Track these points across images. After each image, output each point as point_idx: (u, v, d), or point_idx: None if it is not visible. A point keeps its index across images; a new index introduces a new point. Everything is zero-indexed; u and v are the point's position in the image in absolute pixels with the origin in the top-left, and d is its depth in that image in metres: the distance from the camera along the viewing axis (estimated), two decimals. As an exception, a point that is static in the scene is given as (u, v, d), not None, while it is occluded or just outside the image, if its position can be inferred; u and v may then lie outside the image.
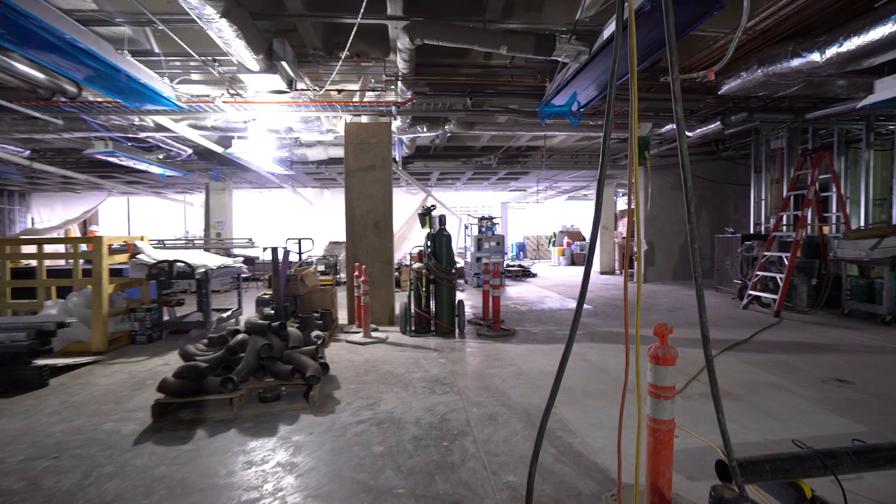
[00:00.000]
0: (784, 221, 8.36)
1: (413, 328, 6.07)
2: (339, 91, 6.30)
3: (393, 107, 6.42)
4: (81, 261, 5.67)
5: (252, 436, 3.03)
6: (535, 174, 14.73)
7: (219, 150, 8.59)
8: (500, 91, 6.59)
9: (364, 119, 7.12)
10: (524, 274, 14.25)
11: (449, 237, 6.03)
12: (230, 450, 2.83)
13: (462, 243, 16.62)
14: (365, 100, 6.54)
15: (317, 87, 5.97)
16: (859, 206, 8.03)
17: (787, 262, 7.12)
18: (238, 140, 8.23)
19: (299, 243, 7.61)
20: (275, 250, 5.31)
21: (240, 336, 3.90)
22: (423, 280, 5.91)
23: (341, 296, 7.76)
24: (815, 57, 5.00)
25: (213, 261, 6.28)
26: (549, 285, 11.87)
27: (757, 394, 3.73)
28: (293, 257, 7.72)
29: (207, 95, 6.11)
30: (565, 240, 20.93)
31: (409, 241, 18.85)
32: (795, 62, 5.21)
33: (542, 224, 24.04)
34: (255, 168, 10.59)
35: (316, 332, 4.50)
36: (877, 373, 4.22)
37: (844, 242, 6.74)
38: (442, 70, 6.26)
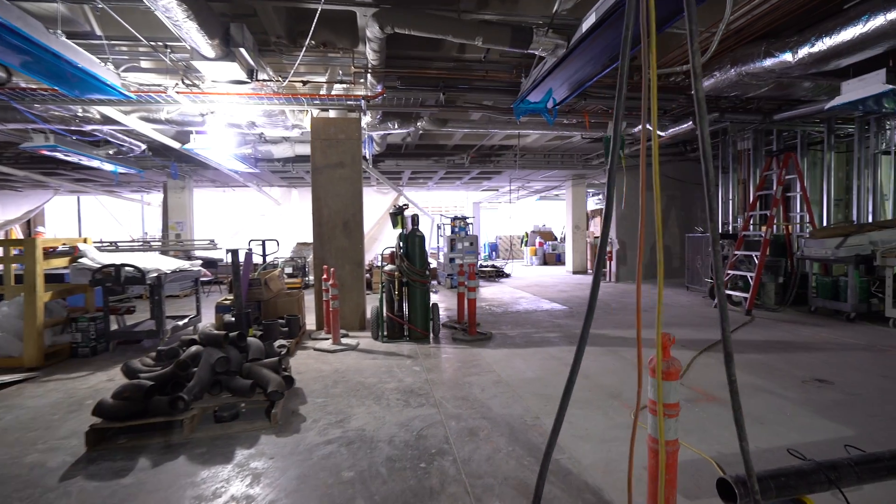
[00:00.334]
0: (752, 221, 8.51)
1: (385, 334, 5.78)
2: (305, 83, 5.94)
3: (362, 101, 6.10)
4: (15, 265, 5.10)
5: (204, 463, 2.69)
6: (507, 174, 14.63)
7: (175, 145, 8.04)
8: (475, 86, 6.38)
9: (332, 114, 6.77)
10: (498, 274, 14.13)
11: (422, 237, 5.78)
12: (177, 482, 2.48)
13: (435, 243, 16.38)
14: (333, 93, 6.19)
15: (280, 78, 5.59)
16: (820, 205, 8.25)
17: (756, 261, 7.20)
18: (197, 135, 7.71)
19: (263, 245, 7.18)
20: (235, 252, 4.90)
21: (193, 348, 3.52)
22: (395, 283, 5.62)
23: (310, 299, 7.37)
24: (788, 57, 5.00)
25: (167, 264, 5.80)
26: (524, 286, 11.77)
27: (741, 396, 3.62)
28: (257, 259, 7.27)
29: (159, 85, 5.64)
30: (537, 240, 21.00)
31: (380, 241, 18.46)
32: (768, 62, 5.22)
33: (514, 224, 24.07)
34: (216, 165, 10.02)
35: (280, 342, 4.15)
36: (853, 371, 4.23)
37: (811, 241, 6.87)
38: (414, 63, 5.99)
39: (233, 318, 4.95)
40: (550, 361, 4.71)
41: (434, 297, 9.79)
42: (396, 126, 7.78)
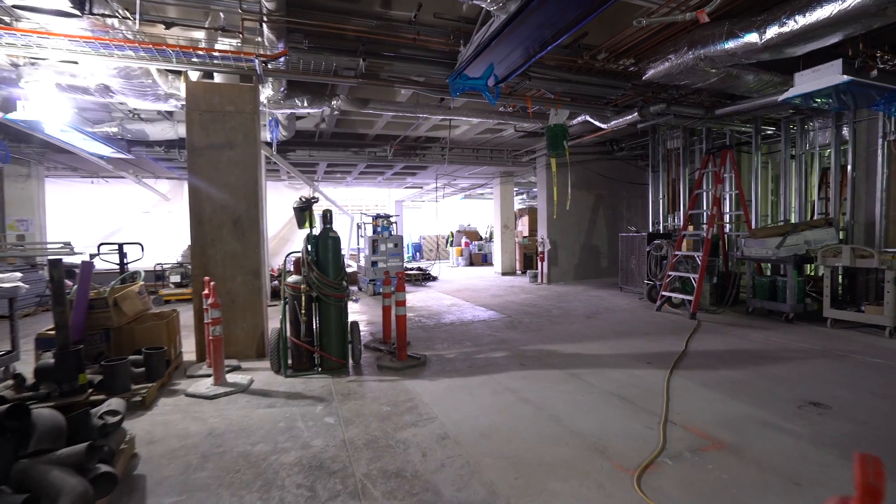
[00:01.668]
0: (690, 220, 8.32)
1: (290, 365, 4.45)
2: (168, 26, 4.40)
3: (257, 61, 4.70)
4: None
5: None
6: (434, 169, 13.65)
7: (-7, 115, 5.93)
8: (402, 55, 5.24)
9: (218, 79, 5.25)
10: (424, 278, 13.09)
11: (337, 239, 4.53)
12: None
13: (355, 245, 14.94)
14: (217, 47, 4.70)
15: (131, 18, 4.03)
16: (750, 205, 8.25)
17: (699, 262, 6.89)
18: (27, 102, 5.70)
19: (120, 250, 5.42)
20: (55, 263, 3.31)
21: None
22: (302, 298, 4.31)
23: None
24: (753, 38, 4.50)
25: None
26: (454, 290, 10.84)
27: (746, 435, 2.91)
28: (132, 266, 5.49)
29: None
30: (463, 240, 20.34)
31: (292, 243, 16.56)
32: (731, 44, 4.70)
33: (438, 223, 23.20)
34: (69, 147, 7.82)
35: (112, 405, 2.68)
36: (839, 389, 3.75)
37: (752, 241, 6.67)
38: (325, 16, 4.72)
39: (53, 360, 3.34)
40: (504, 396, 3.73)
41: (354, 308, 8.49)
42: (306, 103, 6.39)
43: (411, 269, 13.62)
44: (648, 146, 11.04)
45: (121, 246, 5.52)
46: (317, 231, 4.57)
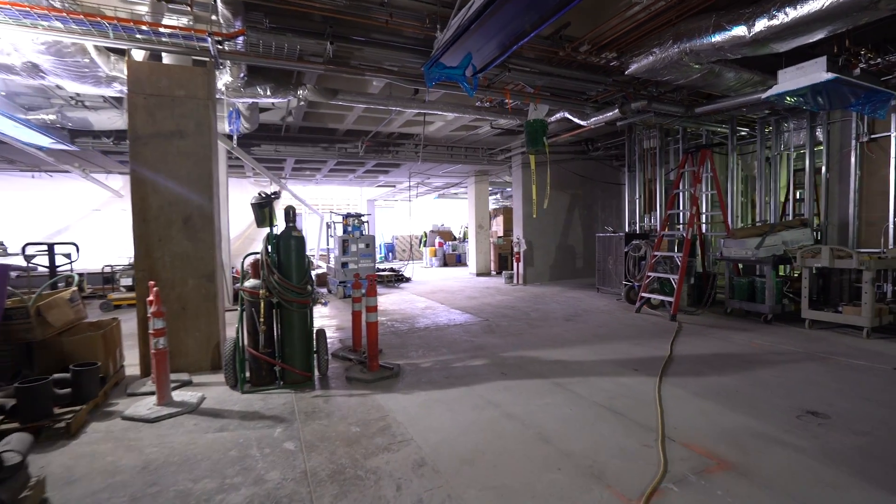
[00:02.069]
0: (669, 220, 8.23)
1: (248, 379, 3.99)
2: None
3: (211, 40, 4.21)
4: None
5: None
6: (407, 167, 13.27)
7: None
8: (374, 39, 4.85)
9: (167, 60, 4.72)
10: (397, 279, 12.67)
11: (301, 239, 4.09)
12: None
13: (325, 244, 14.38)
14: (164, 23, 4.18)
15: (58, -17, 3.49)
16: (726, 205, 8.23)
17: (679, 262, 6.77)
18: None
19: (50, 251, 4.81)
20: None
21: None
22: (261, 304, 3.86)
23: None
24: (741, 31, 4.34)
25: None
26: (428, 292, 10.48)
27: (750, 452, 2.68)
28: (69, 268, 4.86)
29: None
30: (437, 240, 20.00)
31: (258, 243, 15.83)
32: (718, 37, 4.54)
33: (411, 223, 22.78)
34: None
35: (11, 442, 2.18)
36: (833, 395, 3.60)
37: (731, 242, 6.59)
38: (288, -7, 4.27)
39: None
40: (486, 411, 3.40)
41: (323, 312, 8.01)
42: (269, 92, 5.90)
43: (383, 271, 13.18)
44: (624, 146, 11.00)
45: (51, 247, 4.89)
46: (278, 230, 4.12)
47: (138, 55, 4.63)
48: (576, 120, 7.26)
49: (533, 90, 6.24)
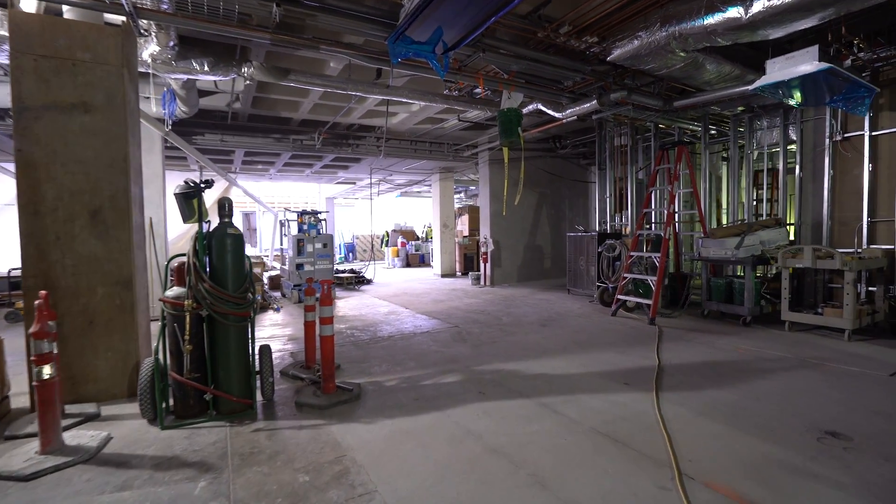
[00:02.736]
0: (645, 219, 7.96)
1: (170, 409, 3.24)
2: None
3: (122, -8, 3.41)
4: None
5: None
6: (368, 162, 12.53)
7: None
8: (329, 5, 4.17)
9: (68, 15, 3.85)
10: (358, 281, 11.91)
11: (238, 238, 3.37)
12: None
13: (279, 245, 13.40)
14: (58, -31, 3.35)
15: None
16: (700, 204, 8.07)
17: (657, 262, 6.46)
18: None
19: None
20: None
21: None
22: (186, 318, 3.12)
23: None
24: (736, 13, 4.00)
25: None
26: (391, 295, 9.82)
27: (782, 489, 2.25)
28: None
29: None
30: (399, 239, 19.30)
31: (204, 242, 14.58)
32: (711, 19, 4.18)
33: (373, 222, 21.93)
34: None
35: None
36: (844, 410, 3.27)
37: (710, 241, 6.35)
38: (223, -60, 3.54)
39: None
40: (466, 445, 2.83)
41: (276, 319, 7.15)
42: (207, 68, 5.08)
43: (343, 272, 12.38)
44: (592, 144, 10.76)
45: None
46: (211, 226, 3.39)
47: (28, 4, 3.73)
48: (550, 112, 6.83)
49: (507, 76, 5.73)
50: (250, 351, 3.43)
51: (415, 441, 2.89)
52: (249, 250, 22.97)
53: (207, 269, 3.27)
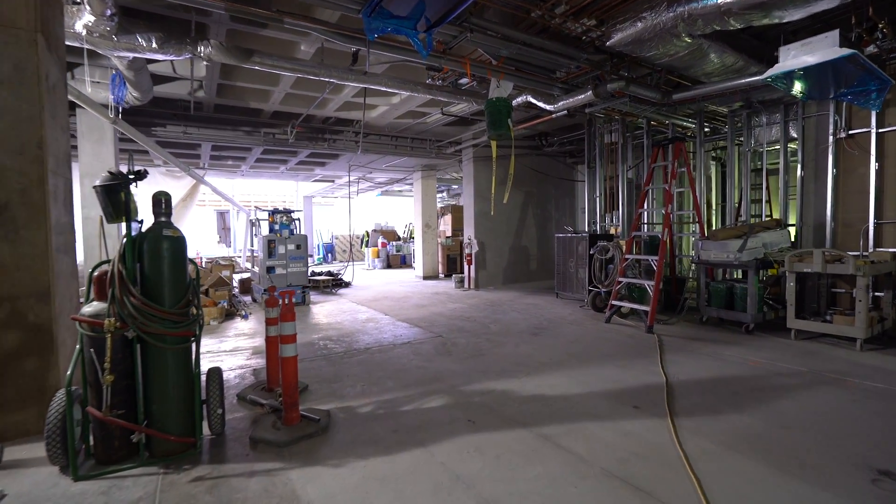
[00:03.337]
0: (640, 219, 7.57)
1: (91, 451, 2.62)
2: None
3: (31, -63, 2.76)
4: None
5: None
6: (346, 159, 11.91)
7: None
8: (295, -30, 3.60)
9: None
10: (336, 284, 11.26)
11: (178, 241, 2.77)
12: None
13: (251, 246, 12.65)
14: None
15: None
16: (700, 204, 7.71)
17: (654, 266, 6.05)
18: None
19: None
20: None
21: None
22: (108, 341, 2.50)
23: None
24: (754, -13, 3.59)
25: None
26: (370, 299, 9.22)
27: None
28: None
29: None
30: (380, 240, 18.67)
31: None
32: (725, -5, 3.76)
33: (352, 222, 21.22)
34: None
35: None
36: (886, 439, 2.86)
37: (710, 244, 5.97)
38: None
39: None
40: (457, 497, 2.30)
41: (243, 327, 6.43)
42: (157, 45, 4.43)
43: (320, 274, 11.72)
44: (579, 141, 10.38)
45: None
46: (140, 229, 2.78)
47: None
48: (541, 105, 6.36)
49: (497, 62, 5.22)
50: (194, 376, 2.83)
51: (392, 492, 2.34)
52: (223, 251, 21.97)
53: (138, 280, 2.66)
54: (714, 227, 8.68)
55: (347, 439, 2.96)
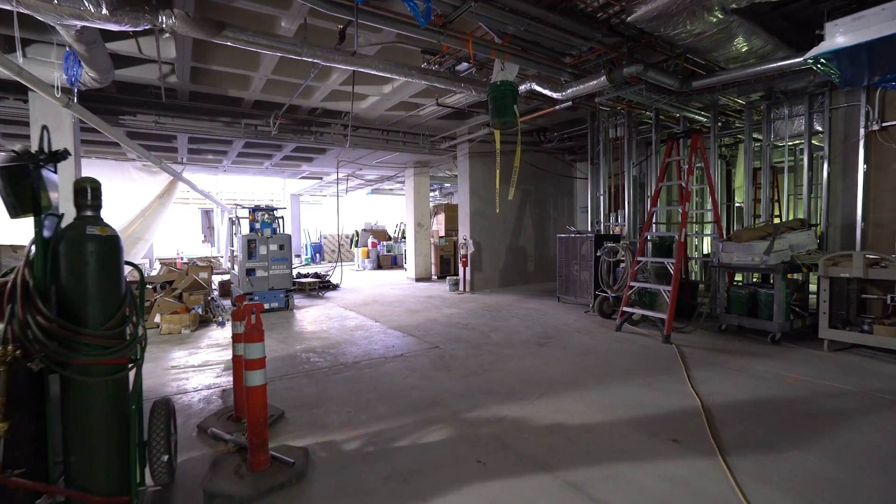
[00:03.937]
0: (653, 218, 7.06)
1: (-17, 523, 1.98)
2: None
3: None
4: None
5: None
6: (334, 154, 11.25)
7: None
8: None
9: None
10: (323, 286, 10.62)
11: (107, 241, 2.13)
12: None
13: (231, 247, 11.95)
14: None
15: None
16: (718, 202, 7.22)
17: (671, 270, 5.53)
18: None
19: None
20: None
21: None
22: (4, 377, 1.88)
23: None
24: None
25: None
26: (360, 303, 8.61)
27: None
28: None
29: None
30: (370, 240, 18.02)
31: (146, 242, 12.97)
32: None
33: (341, 221, 20.53)
34: None
35: None
36: None
37: (732, 245, 5.47)
38: None
39: None
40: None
41: (217, 338, 5.68)
42: (106, 11, 3.79)
43: (306, 276, 11.08)
44: (579, 137, 9.89)
45: None
46: (55, 228, 2.16)
47: None
48: (546, 92, 5.81)
49: (502, 40, 4.65)
50: (131, 414, 2.22)
51: (385, 578, 1.76)
52: (207, 250, 21.04)
53: (52, 293, 2.04)
54: (745, 228, 8.21)
55: (328, 491, 2.36)
